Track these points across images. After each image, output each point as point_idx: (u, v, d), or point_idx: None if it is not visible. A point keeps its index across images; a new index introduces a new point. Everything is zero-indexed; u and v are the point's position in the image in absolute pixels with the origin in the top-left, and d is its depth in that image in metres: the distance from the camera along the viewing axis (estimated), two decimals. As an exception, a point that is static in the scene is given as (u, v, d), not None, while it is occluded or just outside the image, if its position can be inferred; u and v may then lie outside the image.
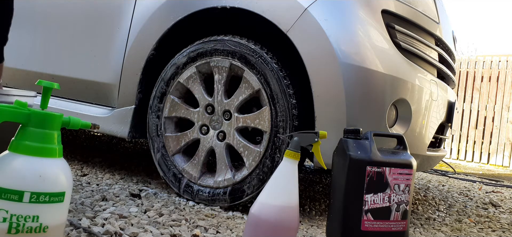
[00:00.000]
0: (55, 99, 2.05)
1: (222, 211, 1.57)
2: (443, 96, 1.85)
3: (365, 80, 1.47)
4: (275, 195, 1.08)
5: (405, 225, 1.31)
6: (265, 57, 1.55)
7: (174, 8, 1.73)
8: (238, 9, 1.60)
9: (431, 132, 1.79)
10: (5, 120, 0.76)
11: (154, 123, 1.74)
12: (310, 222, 1.62)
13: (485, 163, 7.00)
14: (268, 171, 1.52)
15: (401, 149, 1.39)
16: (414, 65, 1.64)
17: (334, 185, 1.28)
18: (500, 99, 6.97)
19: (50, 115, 0.80)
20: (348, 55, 1.46)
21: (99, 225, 1.18)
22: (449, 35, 2.05)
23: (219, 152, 1.62)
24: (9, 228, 0.73)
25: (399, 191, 1.30)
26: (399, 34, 1.61)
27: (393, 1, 1.63)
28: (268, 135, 1.54)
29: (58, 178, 0.78)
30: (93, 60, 1.94)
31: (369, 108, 1.49)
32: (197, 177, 1.64)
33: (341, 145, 1.29)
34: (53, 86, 0.82)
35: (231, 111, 1.60)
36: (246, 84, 1.58)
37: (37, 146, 0.77)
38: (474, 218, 2.06)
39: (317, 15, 1.49)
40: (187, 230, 1.26)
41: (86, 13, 2.00)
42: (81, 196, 1.49)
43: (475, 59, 7.37)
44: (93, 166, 2.14)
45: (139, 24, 1.82)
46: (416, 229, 1.71)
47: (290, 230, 1.07)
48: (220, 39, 1.64)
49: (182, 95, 1.73)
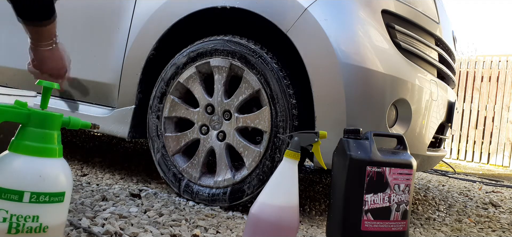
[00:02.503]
0: (55, 100, 2.05)
1: (222, 211, 1.57)
2: (443, 96, 1.85)
3: (365, 80, 1.47)
4: (275, 195, 1.08)
5: (405, 225, 1.31)
6: (265, 57, 1.55)
7: (174, 8, 1.73)
8: (238, 9, 1.60)
9: (431, 132, 1.79)
10: (5, 119, 0.76)
11: (154, 123, 1.74)
12: (310, 222, 1.62)
13: (485, 163, 7.00)
14: (268, 171, 1.52)
15: (401, 149, 1.39)
16: (414, 65, 1.64)
17: (334, 185, 1.28)
18: (500, 99, 6.97)
19: (50, 115, 0.80)
20: (348, 55, 1.46)
21: (99, 225, 1.18)
22: (449, 35, 2.05)
23: (219, 152, 1.62)
24: (9, 228, 0.73)
25: (399, 191, 1.30)
26: (399, 34, 1.61)
27: (393, 1, 1.63)
28: (268, 135, 1.54)
29: (58, 178, 0.78)
30: (93, 60, 1.94)
31: (369, 108, 1.49)
32: (197, 177, 1.64)
33: (341, 145, 1.29)
34: (53, 86, 0.82)
35: (231, 111, 1.60)
36: (246, 84, 1.58)
37: (37, 146, 0.77)
38: (474, 218, 2.06)
39: (317, 15, 1.49)
40: (187, 230, 1.26)
41: (86, 13, 2.00)
42: (81, 196, 1.49)
43: (475, 59, 7.37)
44: (93, 166, 2.14)
45: (139, 24, 1.82)
46: (416, 229, 1.71)
47: (290, 230, 1.07)
48: (220, 39, 1.64)
49: (182, 95, 1.73)
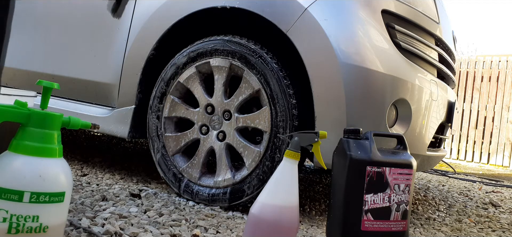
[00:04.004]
0: (55, 99, 2.05)
1: (222, 211, 1.57)
2: (443, 96, 1.85)
3: (365, 80, 1.47)
4: (275, 195, 1.08)
5: (405, 225, 1.31)
6: (265, 57, 1.55)
7: (174, 8, 1.73)
8: (238, 9, 1.60)
9: (431, 131, 1.79)
10: (5, 120, 0.76)
11: (154, 123, 1.74)
12: (310, 222, 1.62)
13: (485, 163, 7.00)
14: (268, 171, 1.52)
15: (401, 149, 1.39)
16: (414, 65, 1.64)
17: (334, 185, 1.28)
18: (500, 99, 6.97)
19: (50, 115, 0.80)
20: (348, 55, 1.46)
21: (99, 225, 1.18)
22: (449, 35, 2.05)
23: (219, 152, 1.62)
24: (9, 228, 0.73)
25: (399, 191, 1.30)
26: (399, 34, 1.61)
27: (393, 1, 1.63)
28: (268, 135, 1.54)
29: (58, 178, 0.78)
30: (93, 60, 1.94)
31: (369, 108, 1.49)
32: (197, 177, 1.64)
33: (341, 145, 1.28)
34: (53, 86, 0.82)
35: (231, 111, 1.60)
36: (246, 84, 1.58)
37: (37, 146, 0.77)
38: (474, 218, 2.06)
39: (317, 15, 1.49)
40: (187, 230, 1.26)
41: (86, 13, 2.00)
42: (81, 196, 1.49)
43: (475, 59, 7.37)
44: (93, 166, 2.14)
45: (139, 24, 1.82)
46: (416, 229, 1.71)
47: (290, 230, 1.07)
48: (220, 39, 1.64)
49: (182, 95, 1.73)
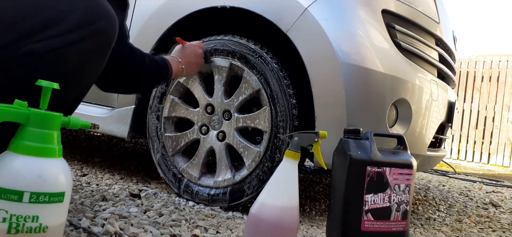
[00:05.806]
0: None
1: (222, 211, 1.56)
2: (443, 96, 1.85)
3: (365, 80, 1.47)
4: (275, 195, 1.08)
5: (405, 225, 1.31)
6: (265, 57, 1.55)
7: (173, 8, 1.73)
8: (238, 9, 1.60)
9: (431, 131, 1.79)
10: (5, 119, 0.76)
11: (154, 123, 1.73)
12: (310, 222, 1.62)
13: (485, 163, 7.00)
14: (268, 171, 1.52)
15: (401, 149, 1.39)
16: (414, 65, 1.64)
17: (334, 185, 1.27)
18: (500, 99, 6.97)
19: (50, 115, 0.80)
20: (348, 55, 1.45)
21: (99, 225, 1.18)
22: (449, 35, 2.05)
23: (219, 152, 1.62)
24: (9, 228, 0.73)
25: (399, 191, 1.29)
26: (399, 34, 1.61)
27: (393, 1, 1.63)
28: (268, 135, 1.53)
29: (58, 178, 0.78)
30: (93, 60, 1.94)
31: (369, 108, 1.49)
32: (197, 177, 1.64)
33: (341, 145, 1.28)
34: (53, 86, 0.82)
35: (231, 111, 1.60)
36: (246, 84, 1.58)
37: (36, 146, 0.77)
38: (474, 218, 2.06)
39: (317, 15, 1.49)
40: (187, 230, 1.26)
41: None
42: (81, 196, 1.48)
43: (475, 59, 7.37)
44: (93, 166, 2.14)
45: (139, 24, 1.82)
46: (416, 229, 1.71)
47: (290, 230, 1.07)
48: (220, 39, 1.63)
49: (182, 95, 1.72)
